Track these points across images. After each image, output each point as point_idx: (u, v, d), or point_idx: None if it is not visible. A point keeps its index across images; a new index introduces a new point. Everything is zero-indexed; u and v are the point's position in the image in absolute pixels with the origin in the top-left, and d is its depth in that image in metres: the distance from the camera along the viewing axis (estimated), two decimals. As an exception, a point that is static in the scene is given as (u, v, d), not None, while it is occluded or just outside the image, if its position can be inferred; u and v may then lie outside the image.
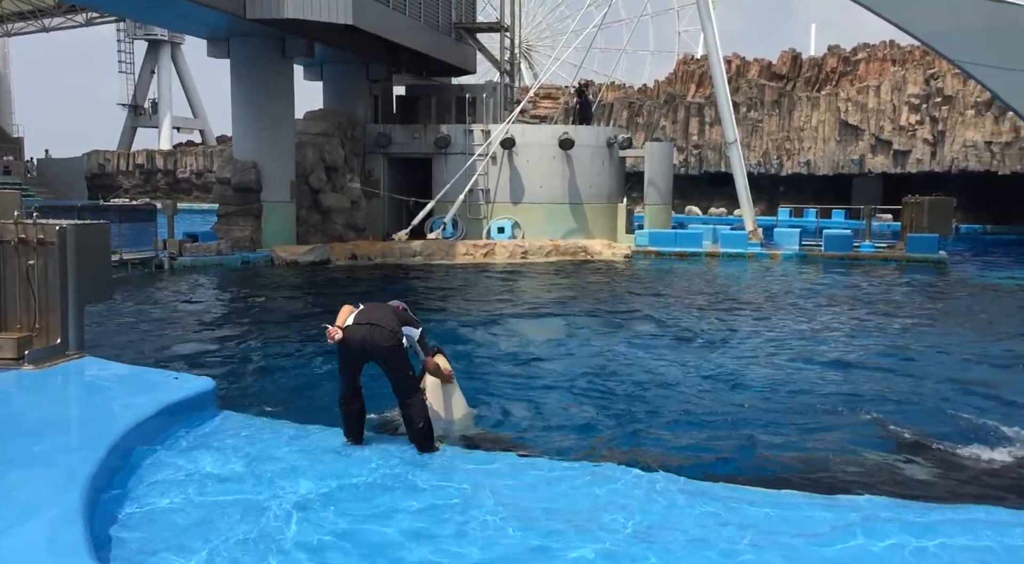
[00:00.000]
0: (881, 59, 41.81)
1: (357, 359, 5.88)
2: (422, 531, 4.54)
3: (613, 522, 4.63)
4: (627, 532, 4.51)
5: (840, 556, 4.28)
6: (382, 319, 5.82)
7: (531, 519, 4.67)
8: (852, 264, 22.73)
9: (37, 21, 56.18)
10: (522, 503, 4.92)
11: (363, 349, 5.77)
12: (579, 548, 4.30)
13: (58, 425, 5.68)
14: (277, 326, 13.08)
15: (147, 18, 34.23)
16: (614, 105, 45.13)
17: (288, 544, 4.34)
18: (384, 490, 5.14)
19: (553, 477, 5.40)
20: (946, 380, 9.59)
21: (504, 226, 24.93)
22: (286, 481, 5.19)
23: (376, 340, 5.73)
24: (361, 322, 5.79)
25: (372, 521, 4.67)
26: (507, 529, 4.54)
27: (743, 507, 4.91)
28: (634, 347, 11.36)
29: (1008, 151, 36.61)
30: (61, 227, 7.16)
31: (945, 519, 4.72)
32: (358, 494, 5.07)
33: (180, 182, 54.29)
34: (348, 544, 4.36)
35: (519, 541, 4.42)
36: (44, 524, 4.01)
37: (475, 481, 5.26)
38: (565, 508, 4.86)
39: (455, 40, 28.53)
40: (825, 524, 4.65)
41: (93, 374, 7.01)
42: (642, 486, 5.21)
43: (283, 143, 22.93)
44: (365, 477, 5.32)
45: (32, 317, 7.24)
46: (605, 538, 4.42)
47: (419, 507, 4.87)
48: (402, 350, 5.86)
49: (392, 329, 5.79)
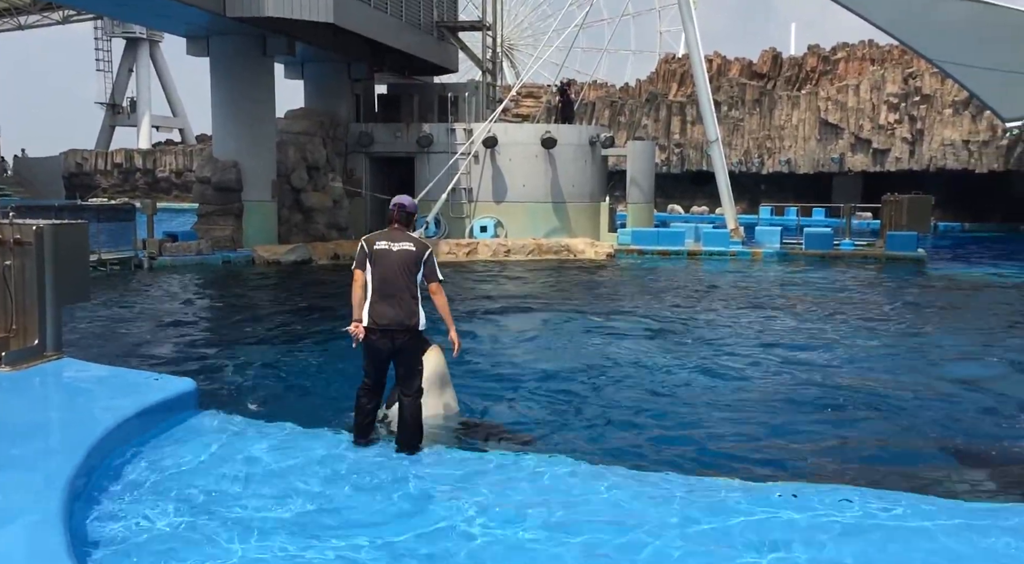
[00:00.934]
0: (860, 58, 42.15)
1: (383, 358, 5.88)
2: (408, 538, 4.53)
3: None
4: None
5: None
6: (404, 304, 5.71)
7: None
8: (832, 262, 22.91)
9: (12, 19, 55.45)
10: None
11: (390, 353, 5.81)
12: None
13: (36, 427, 5.60)
14: (259, 326, 13.00)
15: (125, 16, 33.93)
16: (596, 104, 45.21)
17: (271, 545, 4.31)
18: (376, 491, 5.11)
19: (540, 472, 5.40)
20: (927, 375, 9.69)
21: (487, 225, 24.91)
22: (268, 482, 5.15)
23: (400, 347, 5.77)
24: (386, 307, 5.70)
25: (365, 522, 4.64)
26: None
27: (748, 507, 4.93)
28: (613, 344, 11.38)
29: (985, 150, 37.03)
30: (38, 227, 7.06)
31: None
32: (346, 494, 5.03)
33: (159, 181, 53.79)
34: (329, 544, 4.33)
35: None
36: (23, 528, 3.95)
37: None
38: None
39: (437, 39, 28.47)
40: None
41: (71, 375, 6.92)
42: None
43: (264, 142, 22.79)
44: (356, 477, 5.29)
45: (9, 318, 7.14)
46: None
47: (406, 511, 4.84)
48: (421, 340, 5.89)
49: (415, 322, 5.75)
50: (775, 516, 4.64)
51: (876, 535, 4.41)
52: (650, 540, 4.36)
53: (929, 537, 4.38)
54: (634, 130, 43.42)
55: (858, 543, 4.31)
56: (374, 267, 5.75)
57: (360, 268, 5.79)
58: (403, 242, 5.79)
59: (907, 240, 23.44)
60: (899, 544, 4.31)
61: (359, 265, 5.79)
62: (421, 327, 5.82)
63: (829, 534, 4.40)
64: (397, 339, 5.74)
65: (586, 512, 4.76)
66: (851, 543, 4.31)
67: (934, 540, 4.35)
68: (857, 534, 4.42)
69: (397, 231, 5.88)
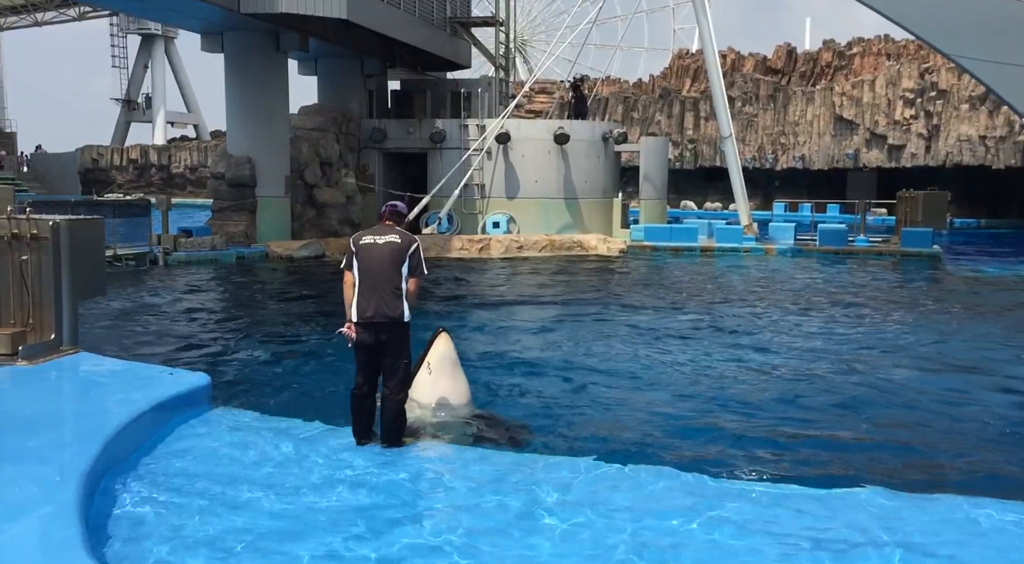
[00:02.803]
0: (876, 53, 41.83)
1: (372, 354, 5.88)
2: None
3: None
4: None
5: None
6: (387, 297, 5.70)
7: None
8: (847, 259, 22.77)
9: (29, 15, 55.87)
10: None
11: (376, 347, 5.80)
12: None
13: (52, 421, 5.66)
14: (272, 321, 13.06)
15: (140, 12, 34.06)
16: (609, 100, 45.07)
17: (280, 540, 4.33)
18: (376, 489, 5.13)
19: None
20: (950, 373, 9.63)
21: (499, 221, 24.90)
22: (280, 476, 5.19)
23: (385, 339, 5.75)
24: (369, 299, 5.71)
25: (362, 517, 4.66)
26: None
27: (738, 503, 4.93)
28: (624, 340, 11.37)
29: (1002, 145, 36.69)
30: (55, 222, 7.12)
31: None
32: (349, 490, 5.06)
33: (174, 177, 54.03)
34: (342, 537, 4.36)
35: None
36: (38, 521, 4.00)
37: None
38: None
39: (450, 35, 28.46)
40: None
41: (87, 370, 6.99)
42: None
43: (278, 138, 22.87)
44: (359, 473, 5.32)
45: (26, 313, 7.21)
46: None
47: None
48: (406, 333, 5.83)
49: (399, 313, 5.72)
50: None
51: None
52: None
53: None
54: (647, 126, 43.28)
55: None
56: (360, 262, 5.77)
57: (348, 268, 5.84)
58: (389, 235, 5.80)
59: (922, 236, 23.25)
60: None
61: (347, 265, 5.85)
62: (406, 319, 5.79)
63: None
64: (381, 332, 5.73)
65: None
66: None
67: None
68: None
69: (386, 227, 5.89)
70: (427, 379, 6.62)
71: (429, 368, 6.60)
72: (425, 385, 6.60)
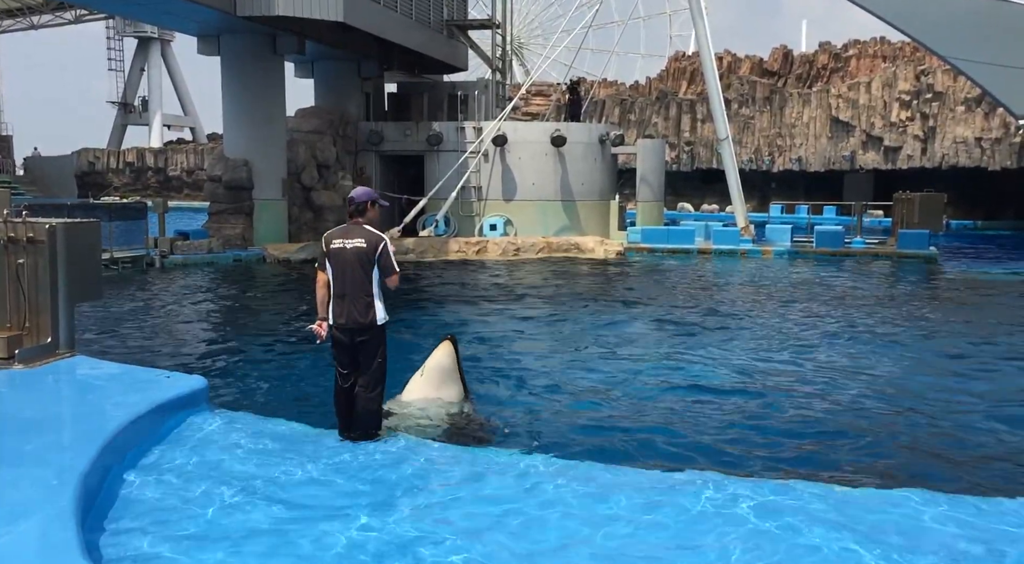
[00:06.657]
0: (872, 56, 41.92)
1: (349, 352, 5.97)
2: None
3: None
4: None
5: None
6: (357, 305, 5.79)
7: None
8: (843, 260, 22.80)
9: (25, 18, 55.76)
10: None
11: (352, 347, 5.89)
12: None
13: (49, 424, 5.65)
14: (269, 324, 13.05)
15: (136, 15, 34.08)
16: (606, 102, 45.11)
17: (282, 539, 4.34)
18: (379, 483, 5.14)
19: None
20: (942, 375, 9.64)
21: (496, 223, 24.91)
22: (277, 477, 5.19)
23: (360, 341, 5.85)
24: (341, 307, 5.82)
25: (371, 512, 4.67)
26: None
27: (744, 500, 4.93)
28: (620, 341, 11.37)
29: (998, 147, 36.76)
30: (51, 225, 7.11)
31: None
32: (348, 489, 5.06)
33: (171, 180, 53.96)
34: (337, 538, 4.36)
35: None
36: (36, 524, 3.99)
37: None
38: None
39: (447, 37, 28.49)
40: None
41: (84, 373, 6.97)
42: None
43: (274, 141, 22.87)
44: (356, 471, 5.32)
45: (22, 316, 7.20)
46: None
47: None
48: (381, 335, 5.92)
49: (370, 320, 5.80)
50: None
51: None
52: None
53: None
54: (644, 128, 43.32)
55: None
56: (332, 266, 5.86)
57: (321, 269, 5.95)
58: (356, 239, 5.83)
59: (919, 238, 23.30)
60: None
61: (320, 266, 5.96)
62: (379, 322, 5.88)
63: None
64: (356, 335, 5.87)
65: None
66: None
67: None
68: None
69: (354, 226, 5.93)
70: (418, 382, 6.81)
71: (422, 372, 6.77)
72: (414, 387, 6.87)
